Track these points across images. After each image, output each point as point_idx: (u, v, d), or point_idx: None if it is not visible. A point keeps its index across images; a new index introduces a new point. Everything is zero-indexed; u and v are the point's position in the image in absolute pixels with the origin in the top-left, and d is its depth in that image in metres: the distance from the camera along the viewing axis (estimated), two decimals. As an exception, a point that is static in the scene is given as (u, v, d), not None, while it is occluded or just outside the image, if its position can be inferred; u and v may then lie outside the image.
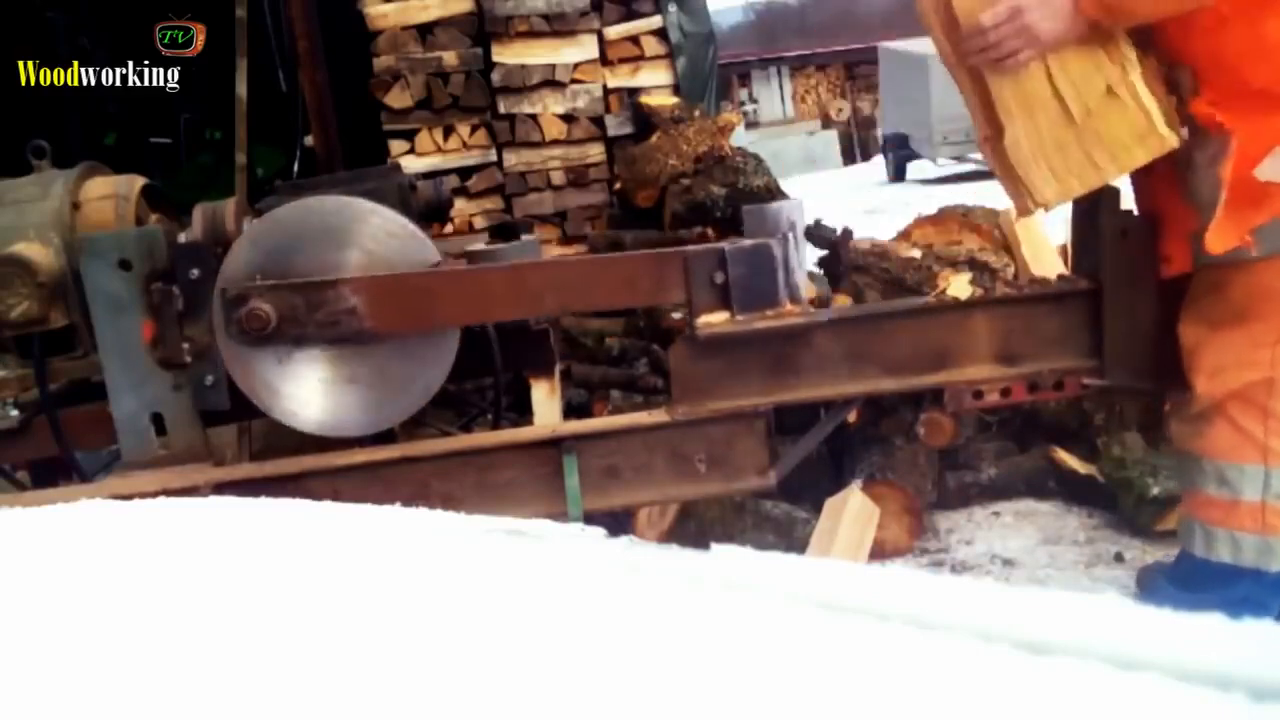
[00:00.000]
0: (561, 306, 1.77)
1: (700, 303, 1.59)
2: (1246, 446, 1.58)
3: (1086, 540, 2.85)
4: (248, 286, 1.54)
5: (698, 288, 1.59)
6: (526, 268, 1.67)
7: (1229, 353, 1.58)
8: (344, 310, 1.56)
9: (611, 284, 1.66)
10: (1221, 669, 0.38)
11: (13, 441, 1.78)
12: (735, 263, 1.57)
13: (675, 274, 1.60)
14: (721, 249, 1.58)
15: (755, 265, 1.57)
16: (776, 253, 1.57)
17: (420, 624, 0.54)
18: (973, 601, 0.49)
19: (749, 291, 1.58)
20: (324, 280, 1.56)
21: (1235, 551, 1.60)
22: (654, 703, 0.41)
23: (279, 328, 1.54)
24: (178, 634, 0.54)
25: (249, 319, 1.53)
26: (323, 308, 1.56)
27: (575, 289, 1.65)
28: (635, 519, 2.68)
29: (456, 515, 0.91)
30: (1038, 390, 1.73)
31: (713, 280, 1.58)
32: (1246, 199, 1.48)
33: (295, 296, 1.55)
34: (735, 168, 3.73)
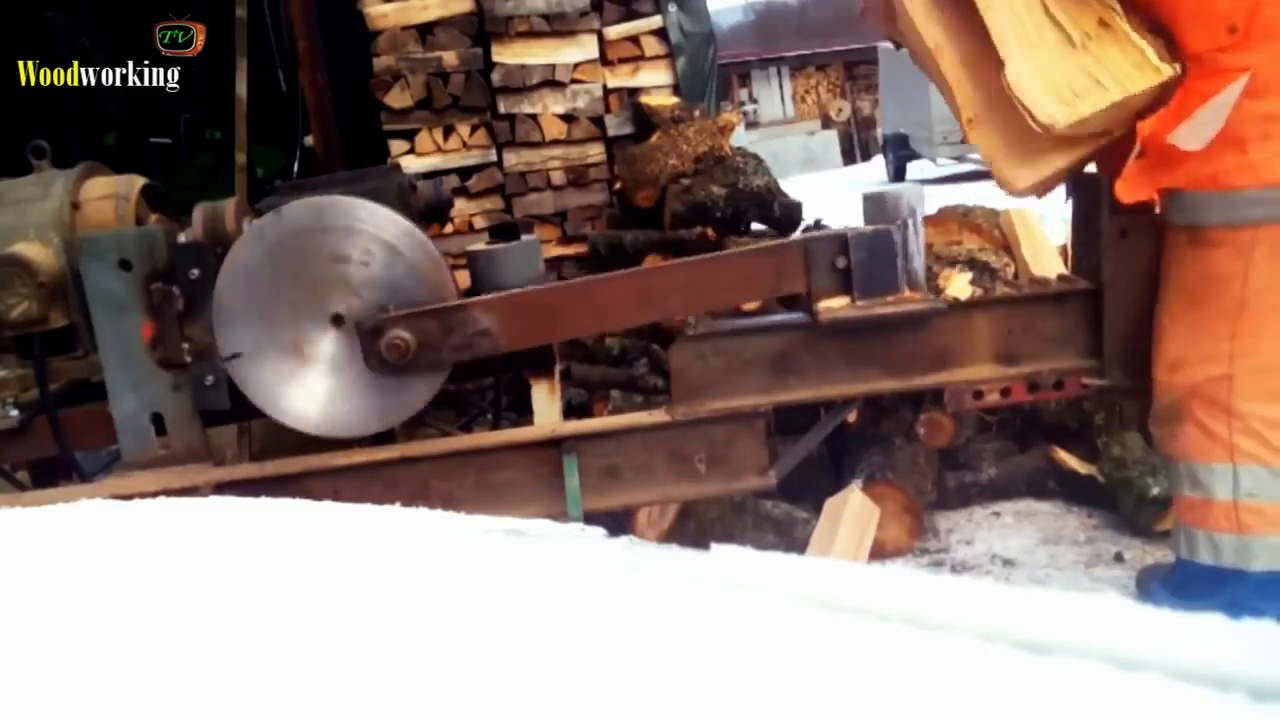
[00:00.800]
0: (686, 308, 1.77)
1: (820, 288, 1.60)
2: (1213, 446, 1.58)
3: (1086, 540, 2.85)
4: (383, 318, 1.56)
5: (818, 274, 1.60)
6: (649, 273, 1.69)
7: (1188, 344, 1.58)
8: (478, 332, 1.58)
9: (733, 280, 1.67)
10: (1221, 669, 0.38)
11: (13, 441, 1.78)
12: (857, 248, 1.57)
13: (796, 263, 1.61)
14: (844, 235, 1.59)
15: (876, 251, 1.58)
16: (897, 239, 1.58)
17: (420, 624, 0.54)
18: (973, 601, 0.49)
19: (870, 277, 1.58)
20: (456, 304, 1.58)
21: (1215, 553, 1.60)
22: (654, 703, 0.41)
23: (417, 355, 1.56)
24: (178, 634, 0.54)
25: (389, 349, 1.55)
26: (457, 330, 1.58)
27: (699, 289, 1.65)
28: (635, 519, 2.68)
29: (456, 515, 0.91)
30: (1038, 390, 1.73)
31: (834, 266, 1.59)
32: (1159, 157, 1.49)
33: (431, 322, 1.57)
34: (735, 168, 3.73)
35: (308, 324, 1.60)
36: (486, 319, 1.58)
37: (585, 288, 1.66)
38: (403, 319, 1.56)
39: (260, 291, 1.58)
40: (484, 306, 1.59)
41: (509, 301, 1.60)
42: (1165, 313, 1.61)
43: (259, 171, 6.03)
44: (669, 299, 1.65)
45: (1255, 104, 1.47)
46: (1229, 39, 1.47)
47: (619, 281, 1.67)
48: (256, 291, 1.57)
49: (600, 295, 1.65)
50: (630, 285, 1.66)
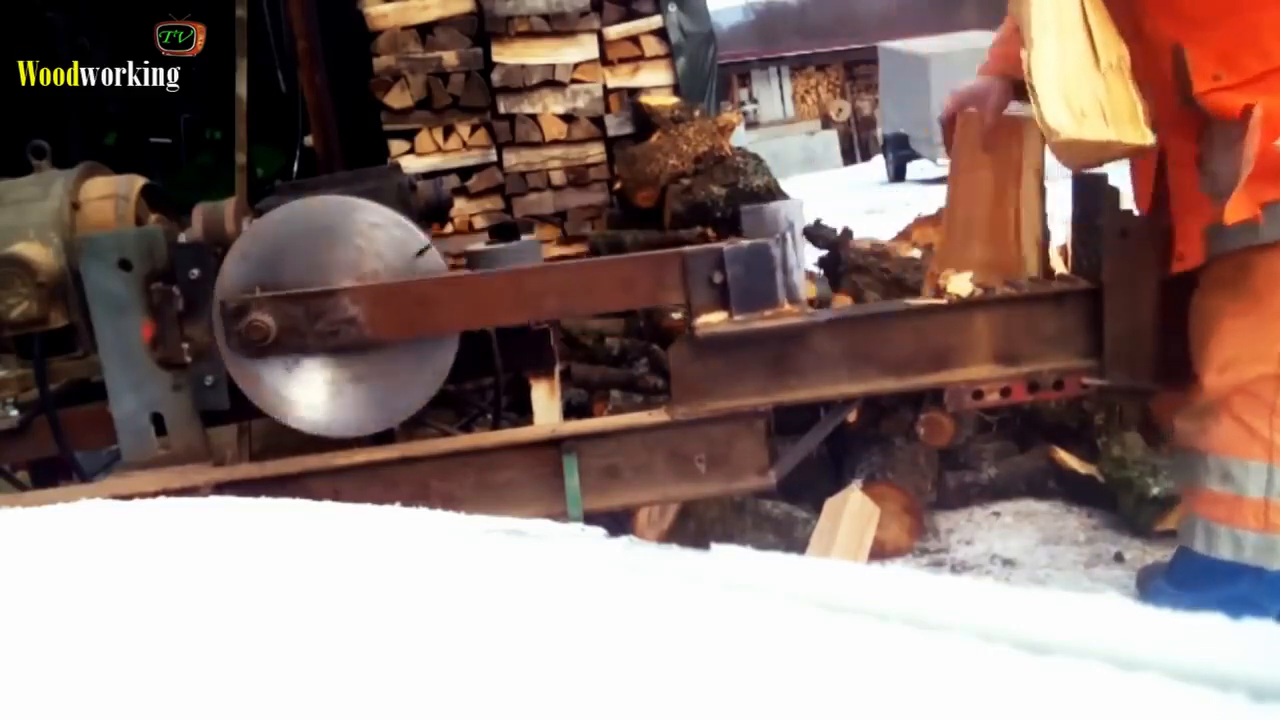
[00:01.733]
0: (561, 310, 1.78)
1: (699, 303, 1.59)
2: (1251, 442, 1.58)
3: (1086, 540, 2.85)
4: (247, 298, 1.55)
5: (696, 288, 1.59)
6: (525, 273, 1.67)
7: (1240, 345, 1.57)
8: (344, 319, 1.56)
9: (610, 286, 1.66)
10: (1221, 669, 0.38)
11: (13, 441, 1.78)
12: (733, 263, 1.57)
13: (673, 275, 1.60)
14: (720, 249, 1.58)
15: (753, 265, 1.57)
16: (774, 253, 1.57)
17: (420, 624, 0.54)
18: (973, 601, 0.49)
19: (747, 291, 1.58)
20: (323, 290, 1.57)
21: (1236, 549, 1.60)
22: (654, 703, 0.41)
23: (279, 339, 1.55)
24: (178, 634, 0.54)
25: (250, 330, 1.54)
26: (323, 317, 1.56)
27: (574, 292, 1.65)
28: (635, 519, 2.68)
29: (456, 515, 0.91)
30: (1038, 390, 1.73)
31: (711, 280, 1.58)
32: (1267, 172, 1.47)
33: (295, 307, 1.56)
34: (735, 168, 3.73)
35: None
36: (354, 307, 1.57)
37: (459, 282, 1.65)
38: (267, 301, 1.55)
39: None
40: (353, 294, 1.57)
41: (378, 291, 1.58)
42: (1214, 316, 1.60)
43: (259, 171, 6.04)
44: (545, 300, 1.65)
45: None
46: None
47: (495, 279, 1.66)
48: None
49: (475, 290, 1.64)
50: (506, 284, 1.65)
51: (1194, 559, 1.67)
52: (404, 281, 1.59)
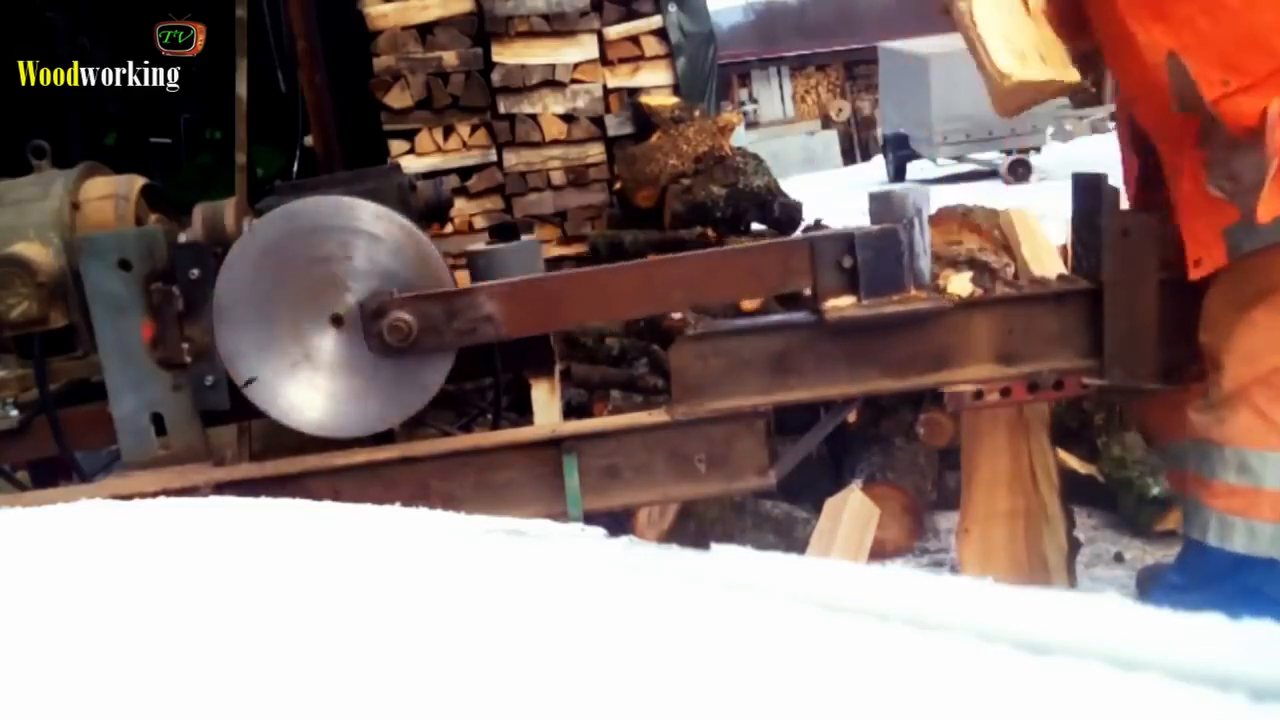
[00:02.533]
0: (689, 301, 1.78)
1: (826, 287, 1.60)
2: (1270, 433, 1.57)
3: (1086, 540, 2.85)
4: (385, 299, 1.56)
5: (824, 272, 1.60)
6: (654, 265, 1.69)
7: (1264, 336, 1.57)
8: (481, 317, 1.58)
9: (738, 275, 1.67)
10: (1221, 669, 0.38)
11: (13, 441, 1.78)
12: (863, 247, 1.57)
13: (802, 261, 1.61)
14: (850, 234, 1.59)
15: (882, 250, 1.58)
16: (903, 238, 1.58)
17: (420, 624, 0.54)
18: (973, 601, 0.49)
19: (876, 276, 1.58)
20: (460, 289, 1.60)
21: (1250, 541, 1.59)
22: (654, 703, 0.41)
23: (419, 338, 1.56)
24: (178, 634, 0.54)
25: (391, 330, 1.55)
26: (460, 315, 1.58)
27: (702, 283, 1.66)
28: (635, 519, 2.68)
29: (456, 515, 0.91)
30: (1038, 390, 1.73)
31: (840, 264, 1.59)
32: None
33: (435, 306, 1.57)
34: (735, 168, 3.73)
35: (307, 326, 1.60)
36: (490, 304, 1.59)
37: (589, 277, 1.67)
38: (406, 301, 1.57)
39: (259, 295, 1.58)
40: (488, 292, 1.60)
41: (513, 288, 1.61)
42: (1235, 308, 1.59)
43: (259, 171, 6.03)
44: (672, 291, 1.65)
45: None
46: None
47: (623, 272, 1.67)
48: (255, 295, 1.57)
49: (604, 285, 1.66)
50: (634, 276, 1.66)
51: (1204, 552, 1.67)
52: (536, 278, 1.62)
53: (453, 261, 2.19)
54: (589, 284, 1.65)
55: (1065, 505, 2.11)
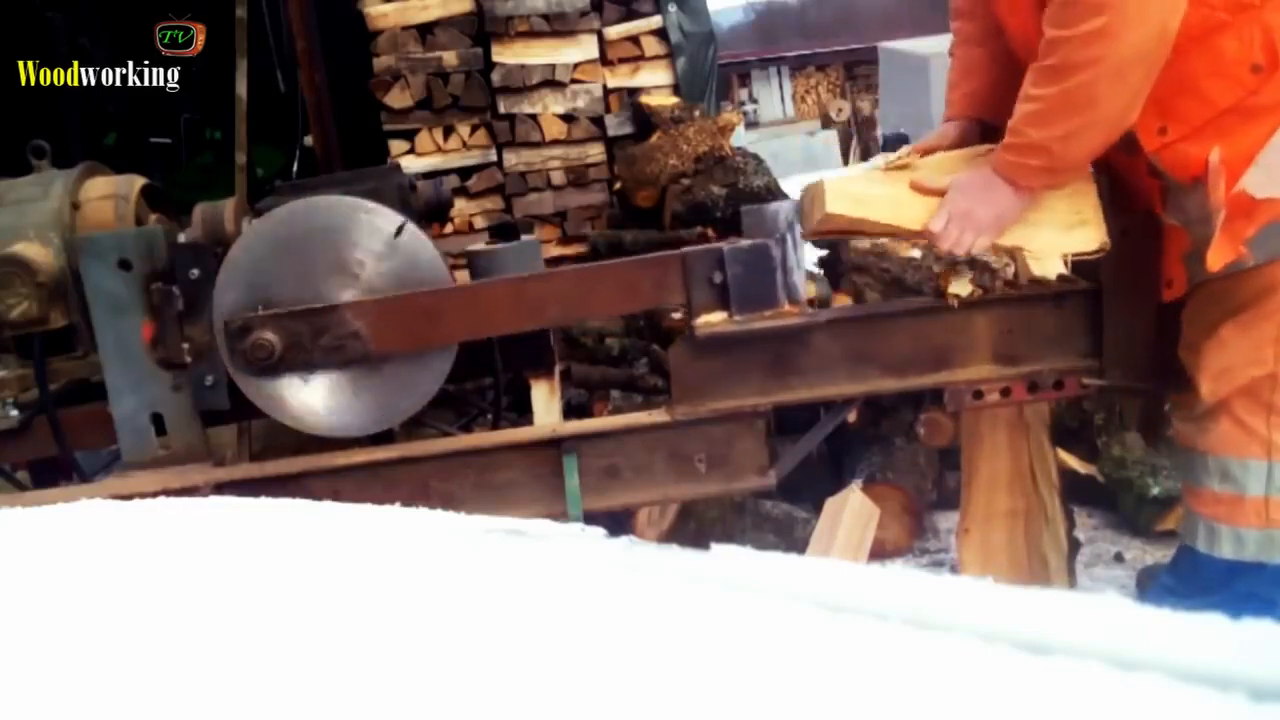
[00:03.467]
0: (564, 317, 1.78)
1: (699, 303, 1.59)
2: (1250, 442, 1.58)
3: (1086, 540, 2.85)
4: (249, 316, 1.55)
5: (696, 288, 1.59)
6: (527, 281, 1.67)
7: (1233, 353, 1.58)
8: (348, 334, 1.57)
9: (611, 291, 1.66)
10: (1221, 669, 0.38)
11: (13, 441, 1.78)
12: (733, 263, 1.57)
13: (675, 276, 1.60)
14: (720, 249, 1.58)
15: (753, 265, 1.57)
16: (775, 253, 1.57)
17: (420, 624, 0.54)
18: (973, 601, 0.49)
19: (747, 292, 1.58)
20: (325, 306, 1.57)
21: (1238, 547, 1.60)
22: (654, 703, 0.41)
23: (284, 356, 1.55)
24: (178, 634, 0.54)
25: (254, 349, 1.54)
26: (327, 333, 1.56)
27: (576, 298, 1.65)
28: (635, 519, 2.68)
29: (456, 515, 0.91)
30: (1038, 390, 1.73)
31: (711, 280, 1.58)
32: (1239, 213, 1.48)
33: (298, 324, 1.56)
34: (735, 168, 3.73)
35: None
36: (358, 321, 1.57)
37: (461, 293, 1.65)
38: (270, 319, 1.55)
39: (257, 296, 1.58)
40: (356, 309, 1.57)
41: (382, 305, 1.59)
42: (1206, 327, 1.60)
43: (259, 171, 6.04)
44: (547, 307, 1.65)
45: None
46: (1255, 79, 1.47)
47: (497, 288, 1.66)
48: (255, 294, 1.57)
49: (477, 301, 1.64)
50: (508, 292, 1.65)
51: (1196, 558, 1.67)
52: (406, 294, 1.59)
53: (453, 261, 2.19)
54: (462, 300, 1.63)
55: (1065, 505, 2.11)
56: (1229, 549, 1.61)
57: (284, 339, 1.55)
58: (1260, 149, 1.48)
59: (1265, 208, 1.48)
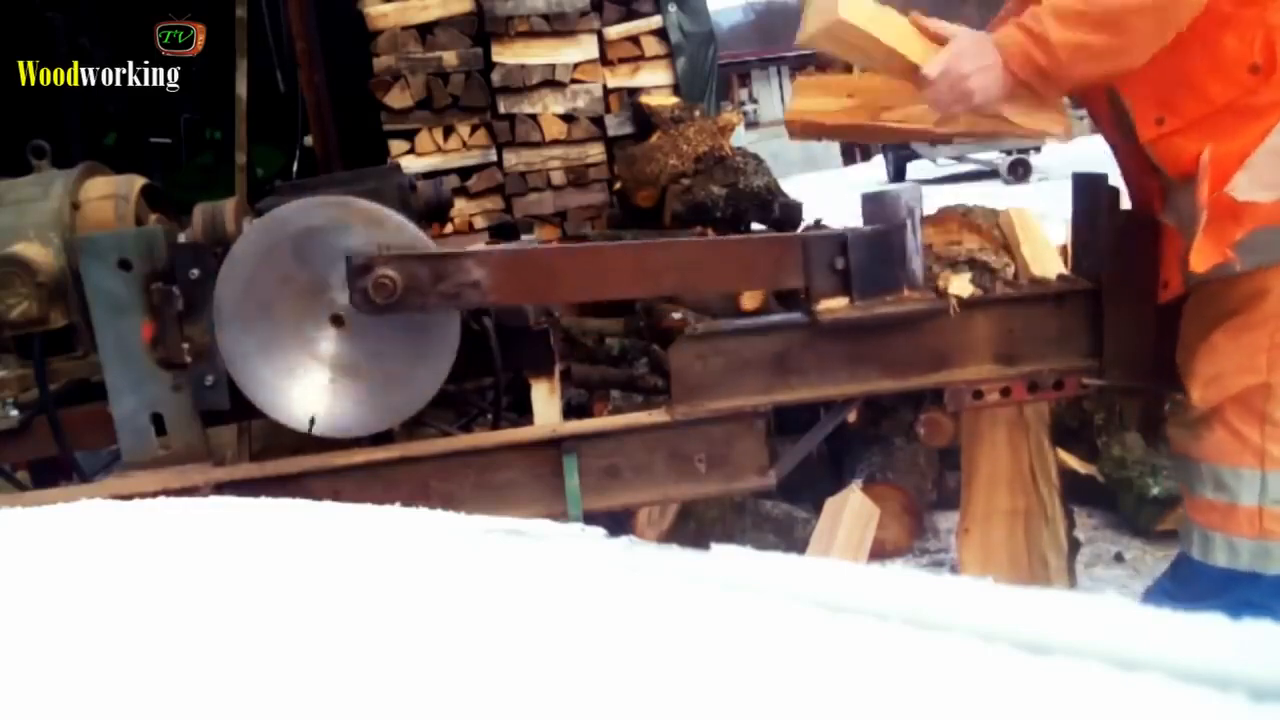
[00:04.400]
0: (679, 286, 1.77)
1: (820, 288, 1.58)
2: (1243, 451, 1.58)
3: (1086, 540, 2.85)
4: (373, 255, 1.54)
5: (817, 273, 1.58)
6: (647, 247, 1.67)
7: (1225, 360, 1.57)
8: (468, 282, 1.56)
9: (729, 266, 1.65)
10: (1221, 669, 0.38)
11: (13, 441, 1.78)
12: (856, 248, 1.56)
13: (794, 258, 1.59)
14: (844, 234, 1.58)
15: (876, 251, 1.57)
16: (896, 239, 1.57)
17: (420, 624, 0.54)
18: (973, 601, 0.49)
19: (869, 277, 1.57)
20: (448, 251, 1.57)
21: (1232, 556, 1.60)
22: (654, 703, 0.41)
23: (403, 297, 1.54)
24: (178, 634, 0.54)
25: (376, 287, 1.52)
26: (447, 278, 1.55)
27: (694, 269, 1.63)
28: (635, 519, 2.68)
29: (456, 515, 0.91)
30: (1038, 390, 1.73)
31: (833, 266, 1.57)
32: (1225, 215, 1.47)
33: (421, 266, 1.55)
34: (735, 168, 3.74)
35: (307, 325, 1.60)
36: (478, 270, 1.56)
37: (582, 253, 1.66)
38: (393, 259, 1.55)
39: (258, 296, 1.58)
40: (477, 258, 1.57)
41: (504, 256, 1.59)
42: (1199, 332, 1.60)
43: (259, 171, 6.04)
44: (664, 275, 1.64)
45: None
46: (1253, 79, 1.47)
47: (617, 251, 1.66)
48: (254, 296, 1.57)
49: (596, 262, 1.64)
50: (628, 256, 1.65)
51: (1193, 564, 1.67)
52: (529, 249, 1.60)
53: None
54: (581, 260, 1.63)
55: (1065, 505, 2.11)
56: (1223, 558, 1.61)
57: (405, 279, 1.54)
58: (1252, 151, 1.47)
59: (1252, 212, 1.47)
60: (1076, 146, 2.29)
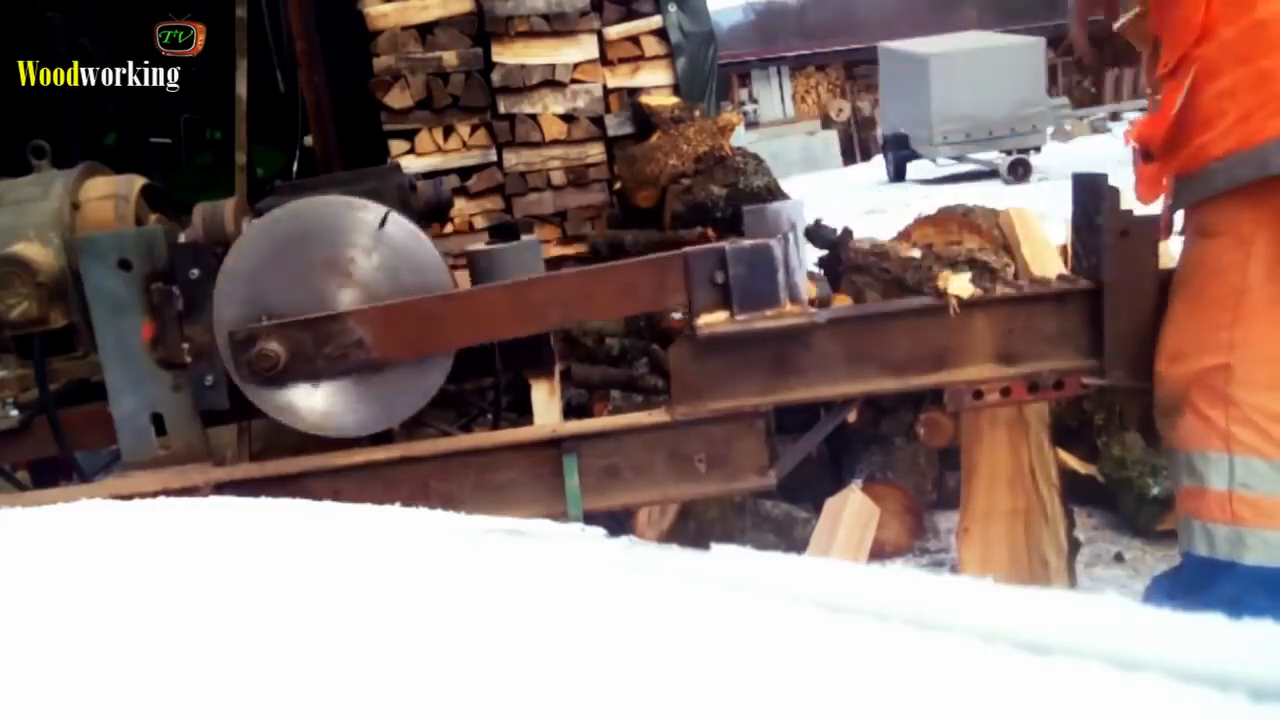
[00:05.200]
0: (565, 320, 1.78)
1: (700, 303, 1.59)
2: (1210, 434, 1.57)
3: (1086, 540, 2.85)
4: (254, 327, 1.55)
5: (698, 288, 1.59)
6: (527, 285, 1.67)
7: (1186, 336, 1.58)
8: (351, 343, 1.57)
9: (613, 293, 1.66)
10: (1221, 669, 0.38)
11: (13, 441, 1.78)
12: (735, 262, 1.57)
13: (676, 277, 1.60)
14: (722, 249, 1.58)
15: (755, 265, 1.57)
16: (776, 253, 1.57)
17: (420, 624, 0.54)
18: (973, 601, 0.49)
19: (749, 291, 1.58)
20: (329, 315, 1.57)
21: (1209, 544, 1.59)
22: (654, 703, 0.41)
23: (289, 365, 1.55)
24: (178, 634, 0.54)
25: (259, 360, 1.54)
26: (330, 341, 1.56)
27: (577, 301, 1.65)
28: (635, 519, 2.68)
29: (456, 515, 0.91)
30: (1038, 390, 1.73)
31: (713, 280, 1.58)
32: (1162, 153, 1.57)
33: (302, 333, 1.56)
34: (736, 168, 3.74)
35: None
36: (361, 330, 1.57)
37: (462, 299, 1.65)
38: (275, 330, 1.55)
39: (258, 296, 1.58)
40: (358, 317, 1.58)
41: (385, 312, 1.59)
42: (1172, 305, 1.63)
43: (259, 171, 6.04)
44: (548, 311, 1.65)
45: (1210, 86, 1.53)
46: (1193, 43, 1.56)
47: (497, 293, 1.66)
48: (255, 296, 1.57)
49: (478, 306, 1.64)
50: (508, 297, 1.65)
51: (1185, 557, 1.68)
52: (407, 301, 1.59)
53: (453, 261, 2.19)
54: (463, 306, 1.63)
55: (1065, 505, 2.11)
56: (1202, 545, 1.60)
57: (289, 349, 1.55)
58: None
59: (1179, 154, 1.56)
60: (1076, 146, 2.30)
